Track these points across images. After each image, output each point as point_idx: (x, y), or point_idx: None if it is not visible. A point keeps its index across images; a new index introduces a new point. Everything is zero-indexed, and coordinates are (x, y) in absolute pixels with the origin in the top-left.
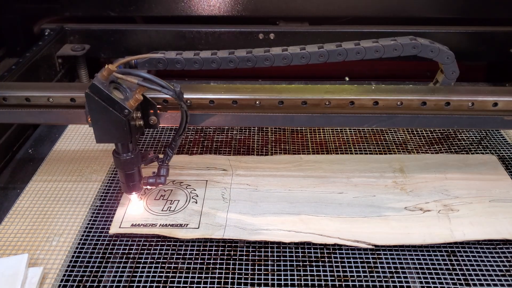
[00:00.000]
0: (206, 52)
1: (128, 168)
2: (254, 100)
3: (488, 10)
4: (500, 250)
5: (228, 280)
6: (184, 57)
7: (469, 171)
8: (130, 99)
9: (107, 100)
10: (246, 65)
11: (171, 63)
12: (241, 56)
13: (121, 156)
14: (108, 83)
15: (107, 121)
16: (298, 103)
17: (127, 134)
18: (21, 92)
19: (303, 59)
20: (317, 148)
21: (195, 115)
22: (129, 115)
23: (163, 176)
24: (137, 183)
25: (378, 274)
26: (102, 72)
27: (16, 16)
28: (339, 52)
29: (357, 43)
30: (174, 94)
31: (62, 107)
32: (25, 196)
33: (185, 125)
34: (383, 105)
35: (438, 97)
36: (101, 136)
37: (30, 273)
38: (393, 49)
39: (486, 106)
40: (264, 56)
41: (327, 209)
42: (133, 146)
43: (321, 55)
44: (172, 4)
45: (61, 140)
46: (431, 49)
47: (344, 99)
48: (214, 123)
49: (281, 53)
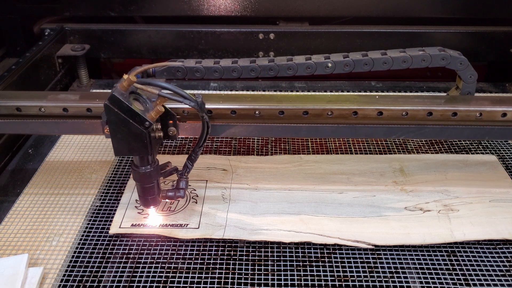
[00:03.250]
0: (226, 61)
1: (147, 181)
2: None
3: (488, 10)
4: (500, 250)
5: (228, 280)
6: (204, 65)
7: (469, 171)
8: (150, 110)
9: (127, 112)
10: (268, 74)
11: (190, 71)
12: (263, 65)
13: (139, 169)
14: (128, 94)
15: (126, 133)
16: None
17: (147, 146)
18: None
19: (327, 68)
20: (317, 148)
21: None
22: (150, 127)
23: (183, 189)
24: (156, 197)
25: (378, 274)
26: (122, 83)
27: (16, 16)
28: (366, 62)
29: (384, 52)
30: (196, 105)
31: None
32: (25, 196)
33: (206, 136)
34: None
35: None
36: (120, 148)
37: (30, 273)
38: (402, 61)
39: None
40: (287, 65)
41: (327, 209)
42: (153, 159)
43: (346, 65)
44: (172, 4)
45: (61, 141)
46: (442, 57)
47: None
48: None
49: (305, 62)
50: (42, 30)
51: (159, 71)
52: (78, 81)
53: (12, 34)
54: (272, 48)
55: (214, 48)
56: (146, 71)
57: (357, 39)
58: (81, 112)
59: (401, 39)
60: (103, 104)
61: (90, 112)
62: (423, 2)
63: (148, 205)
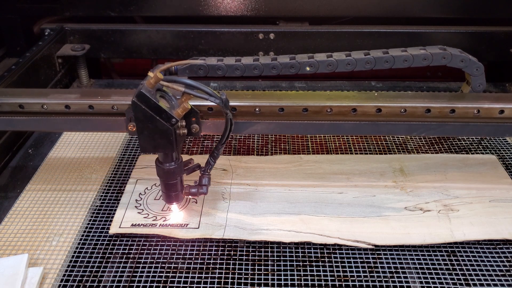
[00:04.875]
0: (247, 58)
1: (171, 178)
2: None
3: (488, 10)
4: (500, 250)
5: (228, 280)
6: (226, 63)
7: (469, 171)
8: (176, 107)
9: (154, 109)
10: (289, 72)
11: (212, 69)
12: (284, 63)
13: (164, 165)
14: (154, 91)
15: (153, 130)
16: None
17: (172, 143)
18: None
19: (329, 66)
20: (317, 148)
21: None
22: (176, 124)
23: (205, 186)
24: (179, 193)
25: (378, 274)
26: (149, 80)
27: (16, 16)
28: (368, 61)
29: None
30: (221, 102)
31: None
32: (25, 196)
33: (229, 133)
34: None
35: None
36: (145, 145)
37: (30, 273)
38: (422, 59)
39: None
40: (308, 62)
41: (327, 209)
42: (177, 156)
43: (348, 63)
44: (172, 4)
45: (61, 140)
46: (461, 59)
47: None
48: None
49: (326, 59)
50: (42, 30)
51: (181, 69)
52: (78, 81)
53: (12, 34)
54: (272, 48)
55: (214, 48)
56: (168, 69)
57: (357, 39)
58: (107, 109)
59: (401, 39)
60: (130, 101)
61: (115, 109)
62: (423, 2)
63: (171, 201)
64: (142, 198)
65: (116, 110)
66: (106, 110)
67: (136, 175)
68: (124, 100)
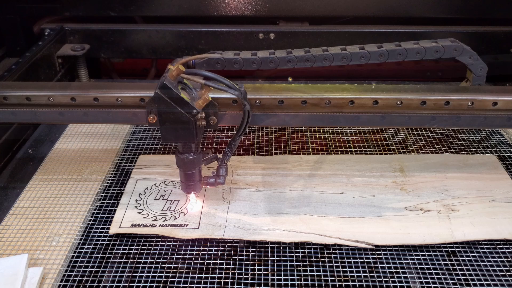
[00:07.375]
0: (263, 52)
1: (190, 168)
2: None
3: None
4: (500, 250)
5: (228, 280)
6: (242, 57)
7: (469, 171)
8: (197, 99)
9: (176, 100)
10: (304, 65)
11: (229, 63)
12: (300, 56)
13: (184, 156)
14: (176, 83)
15: (175, 121)
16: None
17: (193, 134)
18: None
19: (343, 59)
20: (317, 148)
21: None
22: (197, 115)
23: (223, 176)
24: (197, 183)
25: (378, 274)
26: (171, 72)
27: (16, 16)
28: (381, 53)
29: (398, 44)
30: (240, 94)
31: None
32: (25, 196)
33: (246, 125)
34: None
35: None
36: (167, 136)
37: (30, 273)
38: (416, 53)
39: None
40: (323, 55)
41: (327, 209)
42: (196, 146)
43: (362, 56)
44: (172, 4)
45: (61, 140)
46: (470, 55)
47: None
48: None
49: (340, 52)
50: (42, 30)
51: (199, 63)
52: (78, 81)
53: (12, 34)
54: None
55: (214, 48)
56: (187, 63)
57: (357, 39)
58: (134, 102)
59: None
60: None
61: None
62: (423, 2)
63: (190, 191)
64: (142, 198)
65: (121, 102)
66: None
67: (136, 175)
68: (132, 93)
